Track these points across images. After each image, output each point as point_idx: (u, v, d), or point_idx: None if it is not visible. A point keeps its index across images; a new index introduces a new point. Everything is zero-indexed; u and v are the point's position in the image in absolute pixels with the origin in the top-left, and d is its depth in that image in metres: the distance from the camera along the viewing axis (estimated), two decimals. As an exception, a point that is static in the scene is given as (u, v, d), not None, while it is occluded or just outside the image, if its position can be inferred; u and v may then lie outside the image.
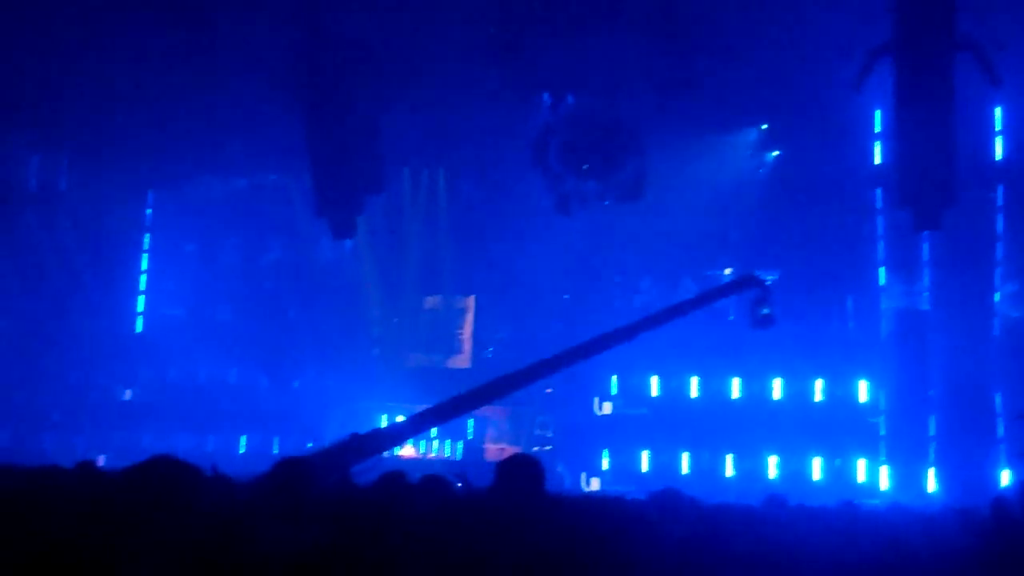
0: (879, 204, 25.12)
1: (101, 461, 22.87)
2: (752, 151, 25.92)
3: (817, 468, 24.60)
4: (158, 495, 5.48)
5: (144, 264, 30.34)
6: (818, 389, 25.18)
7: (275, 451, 26.34)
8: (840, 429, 24.51)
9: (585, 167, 23.75)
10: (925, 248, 24.47)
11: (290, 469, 7.24)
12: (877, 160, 24.84)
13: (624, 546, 6.29)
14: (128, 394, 29.32)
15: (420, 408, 15.94)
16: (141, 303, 30.18)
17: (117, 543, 5.20)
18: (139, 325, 30.12)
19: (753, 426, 24.74)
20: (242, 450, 27.29)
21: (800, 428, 24.57)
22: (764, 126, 25.75)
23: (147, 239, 30.47)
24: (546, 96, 24.23)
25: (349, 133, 22.19)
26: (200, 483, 5.76)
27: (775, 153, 25.86)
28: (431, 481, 8.62)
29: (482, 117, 25.22)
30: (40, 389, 28.38)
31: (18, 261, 28.59)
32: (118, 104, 24.95)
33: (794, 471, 24.53)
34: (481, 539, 6.27)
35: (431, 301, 28.47)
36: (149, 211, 30.51)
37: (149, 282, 30.24)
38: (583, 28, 21.18)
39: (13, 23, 21.42)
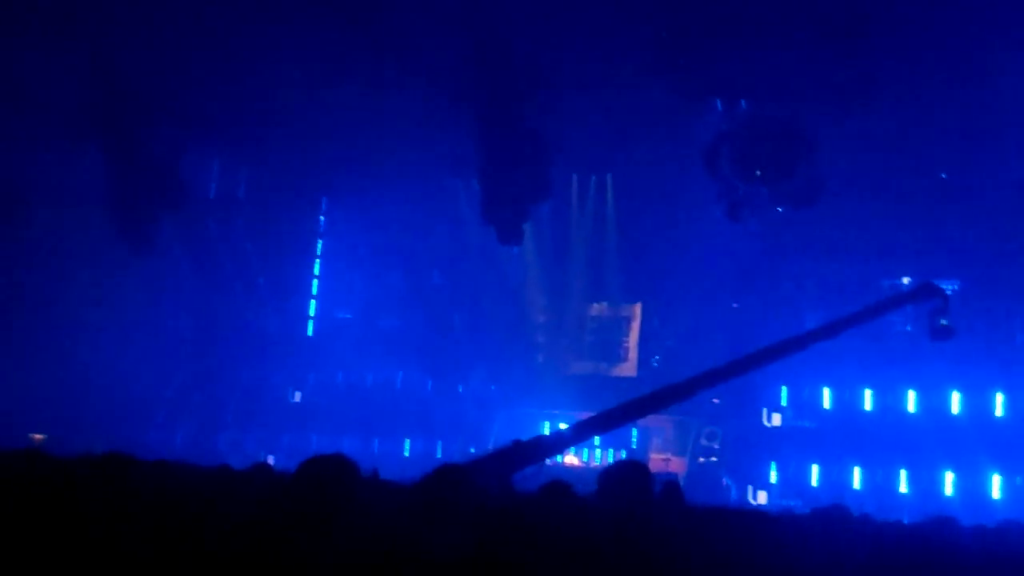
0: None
1: (271, 461, 23.43)
2: (932, 156, 24.95)
3: (996, 486, 23.59)
4: (322, 498, 5.52)
5: (316, 269, 31.09)
6: (999, 403, 24.17)
7: (439, 455, 26.61)
8: (1022, 445, 23.46)
9: (758, 173, 23.31)
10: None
11: (449, 475, 7.20)
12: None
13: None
14: (298, 396, 30.06)
15: (583, 416, 15.84)
16: (313, 307, 30.93)
17: (282, 544, 5.25)
18: (310, 329, 30.86)
19: (929, 441, 23.88)
20: (407, 453, 27.60)
21: (978, 444, 23.60)
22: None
23: (320, 244, 31.25)
24: (718, 102, 23.89)
25: (518, 140, 22.26)
26: (361, 486, 5.77)
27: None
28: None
29: (651, 123, 24.99)
30: (216, 390, 29.35)
31: (197, 265, 29.63)
32: (294, 113, 25.57)
33: (971, 488, 23.60)
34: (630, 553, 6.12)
35: (597, 308, 28.34)
36: (322, 218, 31.26)
37: (320, 286, 31.00)
38: (756, 32, 20.77)
39: (195, 35, 22.12)
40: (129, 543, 5.49)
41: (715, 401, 24.42)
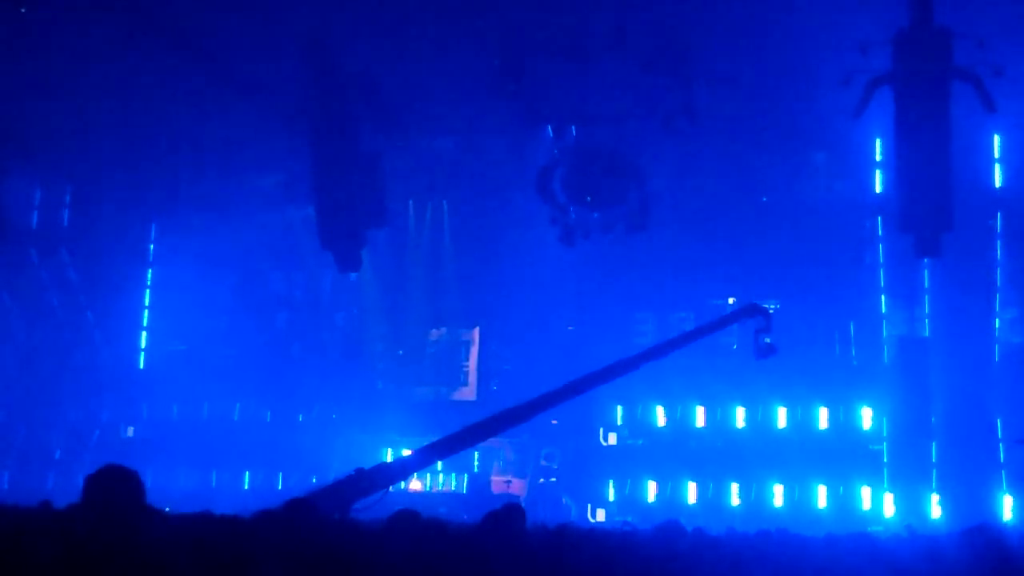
0: (880, 232, 25.26)
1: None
2: (754, 181, 25.89)
3: (822, 495, 24.59)
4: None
5: (147, 299, 30.24)
6: (822, 417, 25.19)
7: (279, 486, 26.26)
8: (843, 456, 24.53)
9: (588, 198, 23.87)
10: (926, 275, 24.60)
11: (295, 510, 7.23)
12: (878, 189, 25.05)
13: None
14: (131, 431, 29.11)
15: (426, 441, 15.97)
16: (144, 339, 30.06)
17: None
18: (142, 361, 30.00)
19: (757, 454, 24.76)
20: (247, 486, 27.12)
21: (804, 456, 24.57)
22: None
23: (150, 274, 30.38)
24: (549, 128, 24.40)
25: (353, 167, 22.26)
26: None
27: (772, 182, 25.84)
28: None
29: (486, 149, 25.40)
30: (42, 427, 28.24)
31: (20, 297, 28.55)
32: (121, 138, 25.03)
33: (798, 499, 24.55)
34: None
35: (436, 333, 28.40)
36: (152, 246, 30.39)
37: (151, 317, 30.15)
38: (586, 60, 21.34)
39: (16, 57, 21.49)
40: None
41: (553, 422, 24.83)
